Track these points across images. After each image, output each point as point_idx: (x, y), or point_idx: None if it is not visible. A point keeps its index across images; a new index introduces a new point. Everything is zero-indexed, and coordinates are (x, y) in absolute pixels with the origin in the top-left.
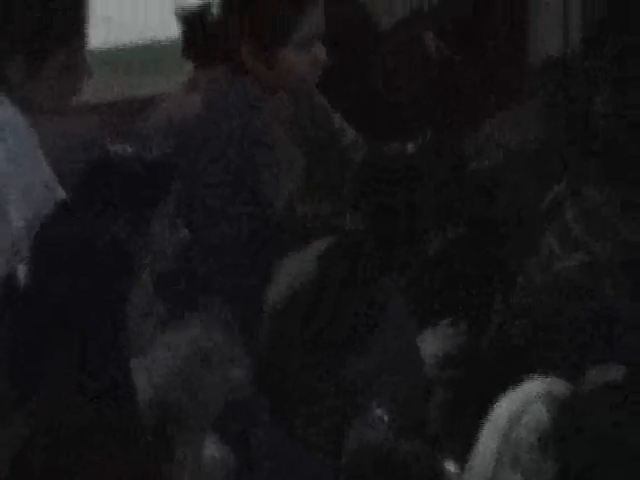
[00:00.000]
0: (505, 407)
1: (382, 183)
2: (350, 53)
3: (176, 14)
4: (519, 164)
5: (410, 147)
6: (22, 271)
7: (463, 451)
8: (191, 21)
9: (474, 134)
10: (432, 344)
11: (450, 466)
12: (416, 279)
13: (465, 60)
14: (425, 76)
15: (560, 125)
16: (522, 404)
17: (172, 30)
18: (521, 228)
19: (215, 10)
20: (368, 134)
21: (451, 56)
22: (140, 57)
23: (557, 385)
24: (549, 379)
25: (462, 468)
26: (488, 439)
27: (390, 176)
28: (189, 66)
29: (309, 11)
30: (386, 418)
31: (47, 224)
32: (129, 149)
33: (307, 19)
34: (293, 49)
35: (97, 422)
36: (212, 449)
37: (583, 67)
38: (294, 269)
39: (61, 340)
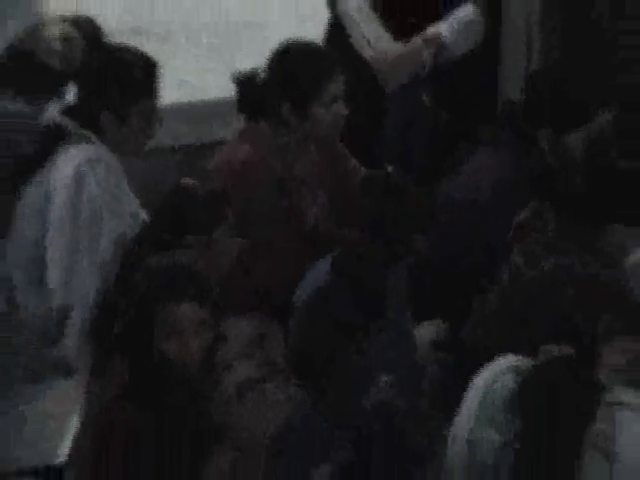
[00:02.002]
0: (482, 378)
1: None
2: (363, 110)
3: (232, 78)
4: (493, 196)
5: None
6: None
7: (451, 412)
8: (244, 84)
9: (457, 173)
10: (427, 334)
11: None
12: (414, 282)
13: (451, 116)
14: (422, 128)
15: (522, 162)
16: (495, 376)
17: (230, 90)
18: (494, 248)
19: (262, 75)
20: (370, 167)
21: (440, 112)
22: (206, 111)
23: (521, 361)
24: (515, 356)
25: (450, 425)
26: (469, 402)
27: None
28: (242, 119)
29: (334, 78)
30: (391, 387)
31: (133, 242)
32: (194, 182)
33: (332, 84)
34: (321, 106)
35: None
36: None
37: (529, 112)
38: (315, 274)
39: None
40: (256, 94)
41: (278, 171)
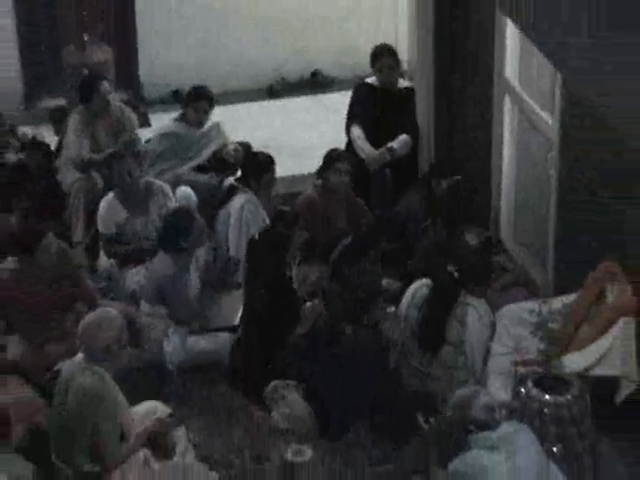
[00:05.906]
0: (413, 287)
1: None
2: (360, 179)
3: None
4: (415, 213)
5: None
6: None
7: (397, 303)
8: (324, 164)
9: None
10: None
11: (391, 309)
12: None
13: (397, 179)
14: (385, 186)
15: (427, 196)
16: (420, 287)
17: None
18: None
19: (322, 165)
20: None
21: (391, 177)
22: (297, 177)
23: (430, 282)
24: (427, 279)
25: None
26: (406, 298)
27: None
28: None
29: (341, 163)
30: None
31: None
32: (287, 208)
33: (340, 165)
34: (334, 172)
35: None
36: None
37: (430, 175)
38: (341, 245)
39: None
40: (320, 172)
41: (324, 204)
